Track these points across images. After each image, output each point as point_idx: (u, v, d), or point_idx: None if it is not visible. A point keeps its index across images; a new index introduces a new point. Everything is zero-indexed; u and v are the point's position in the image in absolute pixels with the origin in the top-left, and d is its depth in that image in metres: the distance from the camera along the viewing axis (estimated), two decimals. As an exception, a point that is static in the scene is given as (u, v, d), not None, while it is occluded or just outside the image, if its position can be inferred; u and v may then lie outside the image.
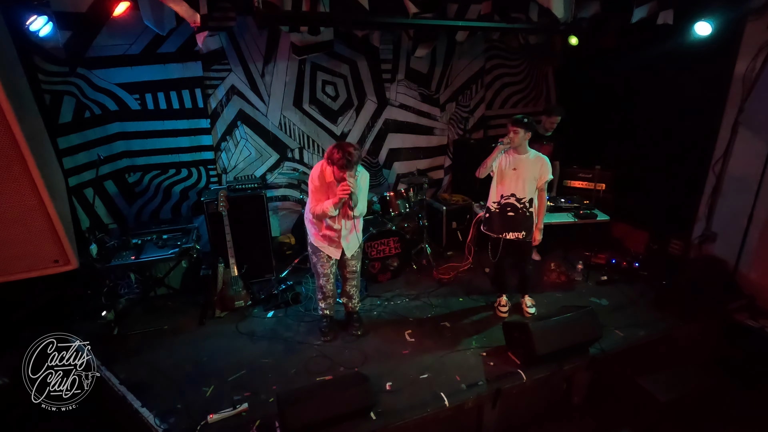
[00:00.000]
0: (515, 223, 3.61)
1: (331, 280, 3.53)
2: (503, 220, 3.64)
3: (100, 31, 3.90)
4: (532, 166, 3.52)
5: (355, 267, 3.58)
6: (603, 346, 3.43)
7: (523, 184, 3.54)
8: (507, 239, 3.67)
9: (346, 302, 3.76)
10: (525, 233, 3.62)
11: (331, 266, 3.49)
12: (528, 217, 3.60)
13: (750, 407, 3.42)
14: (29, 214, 1.57)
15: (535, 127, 3.51)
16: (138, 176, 4.55)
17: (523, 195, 3.56)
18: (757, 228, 4.03)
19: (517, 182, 3.55)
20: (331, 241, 3.38)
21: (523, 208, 3.58)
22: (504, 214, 3.63)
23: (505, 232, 3.65)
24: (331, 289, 3.58)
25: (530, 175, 3.52)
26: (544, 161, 3.54)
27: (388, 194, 4.70)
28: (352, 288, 3.66)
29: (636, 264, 4.63)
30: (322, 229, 3.35)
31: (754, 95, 3.94)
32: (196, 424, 2.75)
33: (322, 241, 3.39)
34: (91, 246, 3.74)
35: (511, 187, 3.57)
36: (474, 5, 4.25)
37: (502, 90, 6.03)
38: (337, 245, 3.39)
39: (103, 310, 3.75)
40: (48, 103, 3.82)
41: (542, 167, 3.52)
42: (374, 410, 2.82)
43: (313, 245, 3.43)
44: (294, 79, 4.84)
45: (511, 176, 3.56)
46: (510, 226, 3.63)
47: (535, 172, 3.52)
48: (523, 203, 3.57)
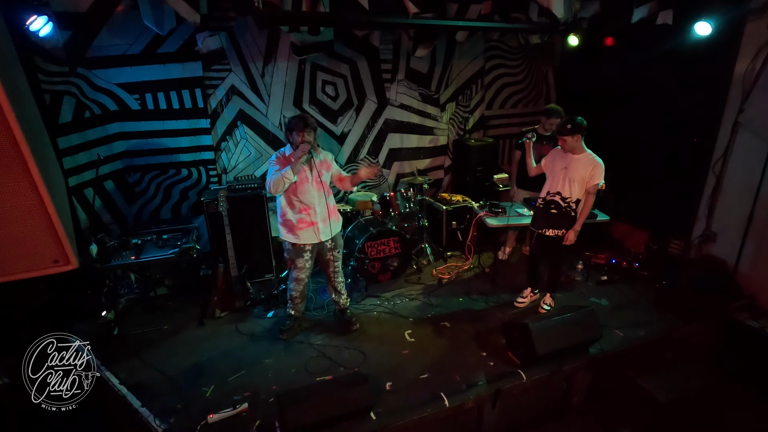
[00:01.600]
0: (557, 220, 3.62)
1: (303, 285, 3.57)
2: (545, 216, 3.68)
3: (100, 31, 3.90)
4: (583, 168, 3.50)
5: (339, 264, 3.65)
6: (603, 346, 3.43)
7: (570, 185, 3.53)
8: (545, 235, 3.68)
9: (337, 299, 3.78)
10: (563, 232, 3.61)
11: (307, 271, 3.51)
12: (572, 218, 3.59)
13: (750, 407, 3.42)
14: (29, 213, 1.57)
15: (582, 127, 3.47)
16: (138, 176, 4.54)
17: (569, 195, 3.55)
18: (757, 228, 4.03)
19: (564, 182, 3.56)
20: (308, 224, 3.37)
21: (567, 207, 3.57)
22: (548, 211, 3.66)
23: (545, 228, 3.68)
24: (302, 293, 3.62)
25: (579, 176, 3.50)
26: (597, 165, 3.48)
27: (388, 194, 4.70)
28: (340, 284, 3.72)
29: (636, 264, 4.63)
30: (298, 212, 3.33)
31: (754, 95, 3.94)
32: (196, 424, 2.76)
33: (298, 229, 3.37)
34: (91, 246, 3.74)
35: (558, 186, 3.59)
36: (474, 5, 4.25)
37: (502, 90, 6.03)
38: (314, 227, 3.38)
39: (103, 310, 3.75)
40: (48, 103, 3.81)
41: (593, 170, 3.48)
42: (374, 410, 2.82)
43: (291, 243, 3.43)
44: (294, 79, 4.84)
45: (560, 175, 3.58)
46: (551, 223, 3.65)
47: (585, 174, 3.49)
48: (567, 203, 3.56)
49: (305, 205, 3.34)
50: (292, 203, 3.33)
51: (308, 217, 3.36)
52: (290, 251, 3.46)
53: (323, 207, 3.40)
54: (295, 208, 3.33)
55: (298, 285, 3.56)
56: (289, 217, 3.35)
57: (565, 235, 3.58)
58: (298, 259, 3.45)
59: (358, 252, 4.31)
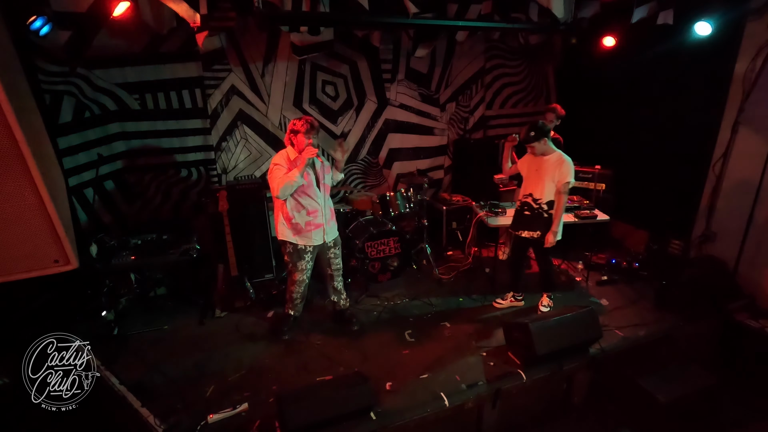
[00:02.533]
0: (530, 222, 3.68)
1: (303, 286, 3.58)
2: (520, 218, 3.76)
3: (99, 31, 3.89)
4: (552, 167, 3.54)
5: (339, 264, 3.66)
6: (603, 346, 3.43)
7: (542, 186, 3.58)
8: (522, 236, 3.75)
9: (337, 300, 3.78)
10: (541, 232, 3.64)
11: (307, 272, 3.52)
12: (546, 218, 3.62)
13: (750, 407, 3.42)
14: (29, 213, 1.57)
15: (545, 131, 3.52)
16: (138, 176, 4.54)
17: (540, 196, 3.60)
18: (757, 228, 4.03)
19: (537, 183, 3.61)
20: (316, 225, 3.40)
21: (539, 209, 3.61)
22: (522, 213, 3.73)
23: (520, 230, 3.75)
24: (302, 294, 3.62)
25: (549, 176, 3.54)
26: (564, 162, 3.52)
27: (388, 194, 4.70)
28: (339, 283, 3.73)
29: (636, 264, 4.63)
30: (306, 215, 3.35)
31: (754, 95, 3.94)
32: (196, 424, 2.76)
33: (306, 232, 3.39)
34: (91, 246, 3.74)
35: (530, 187, 3.67)
36: (474, 5, 4.24)
37: (502, 90, 6.03)
38: (321, 229, 3.42)
39: (103, 310, 3.75)
40: (48, 103, 3.81)
41: (562, 168, 3.51)
42: (374, 410, 2.82)
43: (299, 252, 3.43)
44: (294, 79, 4.84)
45: (533, 177, 3.65)
46: (525, 225, 3.72)
47: (554, 174, 3.52)
48: (539, 204, 3.60)
49: (313, 207, 3.36)
50: (300, 206, 3.34)
51: (315, 219, 3.38)
52: (292, 254, 3.46)
53: (327, 209, 3.46)
54: (303, 210, 3.34)
55: (299, 287, 3.56)
56: (297, 220, 3.35)
57: (545, 238, 3.59)
58: (299, 262, 3.46)
59: (358, 252, 4.31)
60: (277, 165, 3.27)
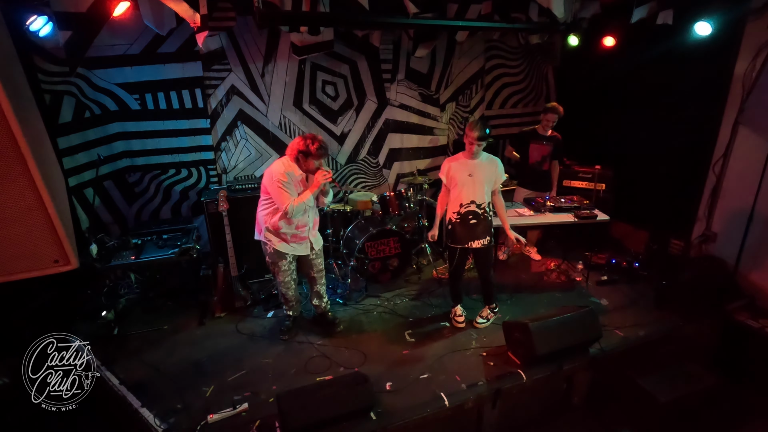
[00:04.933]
0: (479, 230, 3.53)
1: (292, 286, 3.58)
2: (466, 228, 3.54)
3: (100, 31, 3.90)
4: (488, 168, 3.48)
5: (321, 264, 3.65)
6: (603, 346, 3.43)
7: (481, 189, 3.48)
8: (472, 248, 3.58)
9: (318, 304, 3.77)
10: (489, 239, 3.59)
11: (292, 273, 3.52)
12: (490, 222, 3.58)
13: (750, 407, 3.42)
14: (29, 213, 1.56)
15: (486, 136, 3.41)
16: (138, 176, 4.54)
17: (482, 200, 3.50)
18: (757, 228, 4.03)
19: (474, 188, 3.48)
20: (301, 239, 3.42)
21: (484, 213, 3.53)
22: (467, 223, 3.52)
23: (470, 241, 3.55)
24: (294, 295, 3.63)
25: (487, 177, 3.48)
26: (497, 162, 3.53)
27: (388, 194, 4.70)
28: (322, 287, 3.72)
29: (636, 264, 4.63)
30: (294, 229, 3.36)
31: (754, 95, 3.94)
32: (196, 424, 2.76)
33: (292, 242, 3.40)
34: (91, 246, 3.74)
35: (470, 194, 3.49)
36: (474, 5, 4.25)
37: (502, 90, 6.03)
38: (306, 241, 3.44)
39: (103, 310, 3.75)
40: (48, 103, 3.81)
41: (497, 169, 3.50)
42: (374, 410, 2.82)
43: (279, 252, 3.40)
44: (294, 79, 4.84)
45: (468, 183, 3.48)
46: (474, 235, 3.53)
47: (491, 174, 3.49)
48: (483, 208, 3.52)
49: (303, 222, 3.37)
50: (290, 220, 3.32)
51: (302, 233, 3.41)
52: (272, 254, 3.44)
53: (314, 222, 3.50)
54: (293, 224, 3.34)
55: (287, 289, 3.57)
56: (285, 231, 3.35)
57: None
58: (280, 261, 3.44)
59: (358, 252, 4.31)
60: (285, 182, 3.19)
